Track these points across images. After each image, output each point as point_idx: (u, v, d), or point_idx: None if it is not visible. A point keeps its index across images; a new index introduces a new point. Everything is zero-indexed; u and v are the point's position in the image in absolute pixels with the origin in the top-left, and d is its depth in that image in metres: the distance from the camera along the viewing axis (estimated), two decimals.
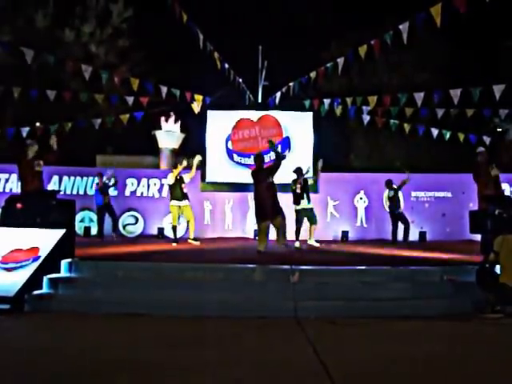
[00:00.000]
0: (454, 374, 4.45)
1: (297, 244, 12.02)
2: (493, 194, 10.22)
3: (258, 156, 10.84)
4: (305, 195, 12.14)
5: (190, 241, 12.29)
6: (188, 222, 12.48)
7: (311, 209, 12.27)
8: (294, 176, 12.16)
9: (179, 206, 12.15)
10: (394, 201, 14.05)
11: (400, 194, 14.21)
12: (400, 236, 13.93)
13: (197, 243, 12.22)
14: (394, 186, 14.07)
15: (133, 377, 4.31)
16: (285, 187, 12.32)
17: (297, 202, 12.16)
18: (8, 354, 4.97)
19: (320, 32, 25.51)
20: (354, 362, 4.74)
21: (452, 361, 4.82)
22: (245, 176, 15.29)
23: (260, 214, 10.29)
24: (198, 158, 12.29)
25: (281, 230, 10.36)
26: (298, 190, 12.11)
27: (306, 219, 12.26)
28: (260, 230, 10.45)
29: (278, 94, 16.17)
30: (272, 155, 14.62)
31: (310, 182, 12.36)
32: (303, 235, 12.38)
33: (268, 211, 10.19)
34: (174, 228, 12.35)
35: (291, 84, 15.68)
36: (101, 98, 15.68)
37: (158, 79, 16.17)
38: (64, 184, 16.00)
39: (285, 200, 11.24)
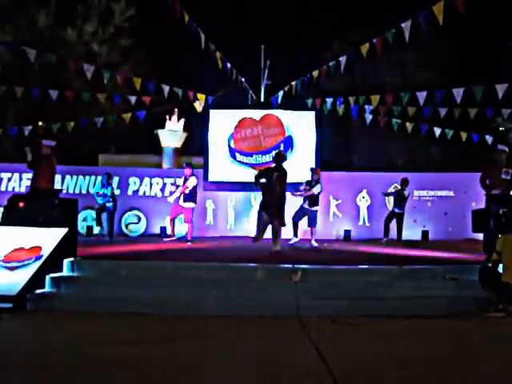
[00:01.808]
0: (455, 372, 4.44)
1: (293, 240, 12.01)
2: (501, 194, 10.16)
3: (278, 154, 10.83)
4: (307, 199, 12.13)
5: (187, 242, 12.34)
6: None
7: (314, 211, 12.23)
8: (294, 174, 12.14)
9: (179, 206, 12.25)
10: (403, 200, 13.95)
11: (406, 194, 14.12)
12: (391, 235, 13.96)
13: (170, 239, 12.25)
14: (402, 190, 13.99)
15: (133, 373, 4.32)
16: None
17: (304, 201, 12.19)
18: (9, 352, 4.98)
19: (322, 31, 25.49)
20: (356, 360, 4.74)
21: (453, 360, 4.82)
22: (247, 175, 15.29)
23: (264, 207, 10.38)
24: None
25: (276, 234, 10.38)
26: (306, 194, 12.12)
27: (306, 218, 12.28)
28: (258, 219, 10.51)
29: (281, 93, 16.16)
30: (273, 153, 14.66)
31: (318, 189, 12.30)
32: (307, 235, 12.43)
33: (272, 212, 10.25)
34: (170, 221, 12.43)
35: (294, 83, 15.68)
36: (103, 98, 15.70)
37: (161, 78, 16.16)
38: (66, 183, 16.00)
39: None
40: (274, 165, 10.63)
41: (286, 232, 11.61)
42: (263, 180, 10.18)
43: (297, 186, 12.36)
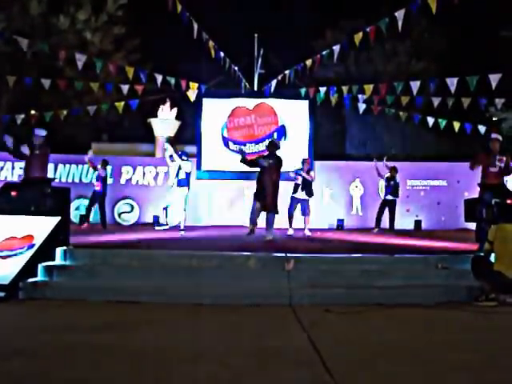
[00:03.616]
0: (451, 359, 4.46)
1: (289, 231, 12.04)
2: (494, 183, 10.14)
3: (271, 143, 10.87)
4: (300, 188, 12.12)
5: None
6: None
7: (305, 200, 12.22)
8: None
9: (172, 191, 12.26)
10: (395, 187, 13.97)
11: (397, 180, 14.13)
12: (383, 223, 13.97)
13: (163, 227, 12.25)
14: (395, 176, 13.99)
15: (124, 362, 4.31)
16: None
17: (295, 190, 12.18)
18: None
19: (316, 19, 25.44)
20: (349, 349, 4.74)
21: (448, 347, 4.84)
22: (240, 164, 15.28)
23: (258, 197, 10.37)
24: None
25: (269, 223, 10.40)
26: (299, 182, 12.12)
27: (299, 208, 12.28)
28: (254, 209, 10.52)
29: (274, 82, 16.13)
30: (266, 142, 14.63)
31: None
32: (300, 224, 12.43)
33: (267, 200, 10.23)
34: (164, 209, 12.40)
35: (287, 72, 15.65)
36: (96, 86, 15.63)
37: (154, 67, 16.11)
38: (59, 172, 15.96)
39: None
40: (267, 153, 10.65)
41: (281, 222, 11.63)
42: (264, 163, 10.21)
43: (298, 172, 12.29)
